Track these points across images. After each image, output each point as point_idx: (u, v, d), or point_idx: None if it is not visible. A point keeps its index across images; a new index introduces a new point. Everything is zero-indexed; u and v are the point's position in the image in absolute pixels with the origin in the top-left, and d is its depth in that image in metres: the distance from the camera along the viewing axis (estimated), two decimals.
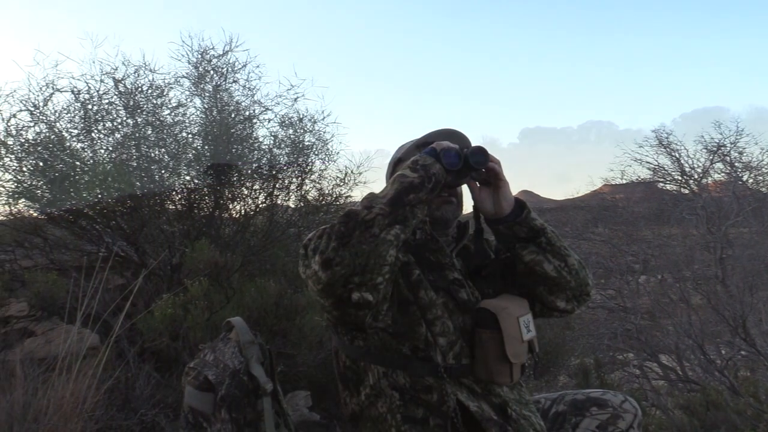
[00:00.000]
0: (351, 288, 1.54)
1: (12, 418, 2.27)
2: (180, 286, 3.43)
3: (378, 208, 1.58)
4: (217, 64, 4.68)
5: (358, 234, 1.53)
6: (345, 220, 1.57)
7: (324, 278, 1.53)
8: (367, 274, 1.53)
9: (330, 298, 1.59)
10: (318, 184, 5.04)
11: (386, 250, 1.55)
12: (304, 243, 1.63)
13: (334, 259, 1.51)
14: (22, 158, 4.19)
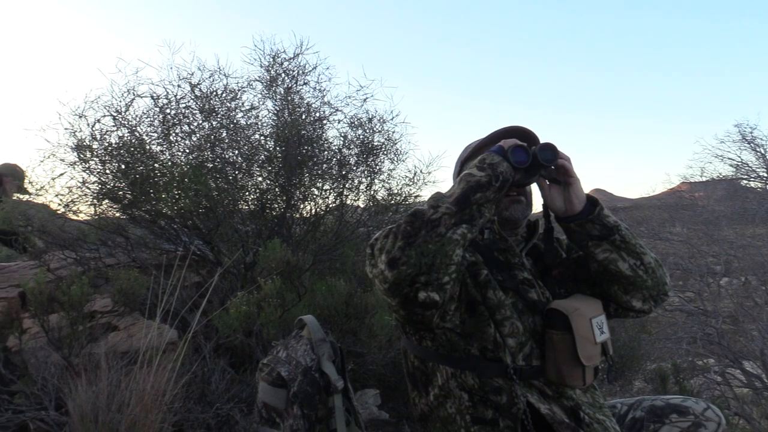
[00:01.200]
0: (417, 287, 1.53)
1: (97, 407, 2.37)
2: (253, 284, 3.50)
3: (444, 208, 1.56)
4: (288, 67, 4.76)
5: (425, 233, 1.52)
6: (411, 220, 1.56)
7: (390, 277, 1.53)
8: (433, 274, 1.52)
9: (396, 297, 1.59)
10: (387, 184, 5.05)
11: (452, 249, 1.54)
12: (370, 242, 1.64)
13: (400, 259, 1.51)
14: (106, 161, 4.39)
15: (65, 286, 3.23)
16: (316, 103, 4.87)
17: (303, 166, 4.58)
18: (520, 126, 1.92)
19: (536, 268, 1.92)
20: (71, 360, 3.04)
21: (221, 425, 2.93)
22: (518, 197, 1.94)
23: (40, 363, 3.11)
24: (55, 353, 3.14)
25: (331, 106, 4.87)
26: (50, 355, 3.16)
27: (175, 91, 4.51)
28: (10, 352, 3.30)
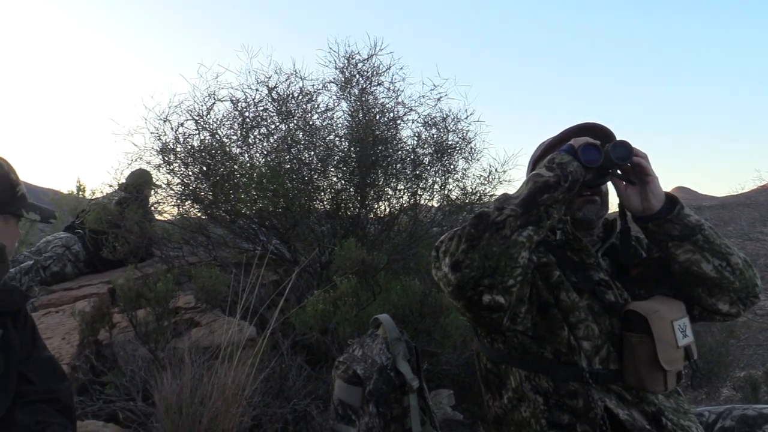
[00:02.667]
0: (481, 290, 1.50)
1: (181, 400, 2.46)
2: (329, 282, 3.55)
3: (509, 210, 1.53)
4: (362, 68, 4.80)
5: (489, 236, 1.49)
6: (476, 222, 1.53)
7: (454, 280, 1.51)
8: (497, 277, 1.49)
9: (461, 300, 1.57)
10: (461, 183, 5.02)
11: (518, 251, 1.50)
12: (436, 245, 1.62)
13: (464, 262, 1.48)
14: (189, 163, 4.57)
15: (151, 283, 3.38)
16: (390, 104, 4.89)
17: (377, 166, 4.61)
18: (594, 122, 1.85)
19: (613, 268, 1.85)
20: (157, 353, 3.17)
21: (298, 421, 2.98)
22: (592, 197, 1.86)
23: (128, 356, 3.27)
24: (142, 347, 3.28)
25: (404, 106, 4.89)
26: (138, 349, 3.31)
27: (254, 95, 4.65)
28: (102, 345, 3.48)
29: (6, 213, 1.58)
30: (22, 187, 1.65)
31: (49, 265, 4.70)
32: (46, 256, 4.76)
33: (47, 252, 4.82)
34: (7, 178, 1.60)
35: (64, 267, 4.77)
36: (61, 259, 4.78)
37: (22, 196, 1.64)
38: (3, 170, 1.59)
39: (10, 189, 1.59)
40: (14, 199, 1.60)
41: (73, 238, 4.97)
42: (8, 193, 1.58)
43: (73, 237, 5.00)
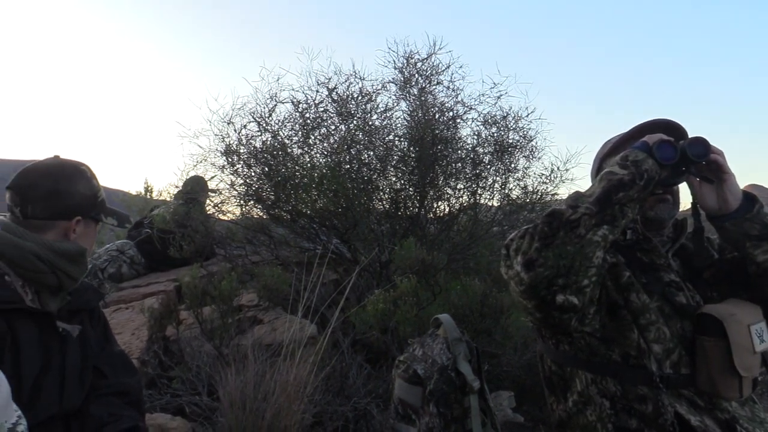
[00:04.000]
0: (555, 290, 1.46)
1: (245, 395, 2.51)
2: (389, 282, 3.56)
3: (584, 208, 1.48)
4: (421, 67, 4.79)
5: (563, 234, 1.45)
6: (548, 220, 1.49)
7: (527, 279, 1.47)
8: (572, 276, 1.45)
9: (533, 299, 1.53)
10: (522, 183, 4.94)
11: (592, 251, 1.46)
12: (505, 243, 1.59)
13: (537, 260, 1.45)
14: (251, 164, 4.66)
15: (216, 281, 3.46)
16: (450, 103, 4.86)
17: (436, 165, 4.59)
18: (665, 119, 1.77)
19: (684, 270, 1.78)
20: (222, 350, 3.25)
21: (358, 419, 3.00)
22: (664, 196, 1.79)
23: (194, 351, 3.36)
24: (207, 343, 3.37)
25: (464, 105, 4.85)
26: (203, 345, 3.39)
27: (314, 96, 4.70)
28: (169, 341, 3.59)
29: (87, 217, 1.66)
30: (102, 193, 1.73)
31: (106, 267, 4.90)
32: (102, 260, 4.96)
33: (103, 256, 5.02)
34: (89, 184, 1.68)
35: (120, 268, 4.96)
36: (116, 260, 4.97)
37: (101, 201, 1.72)
38: (85, 176, 1.67)
39: (91, 195, 1.67)
40: (95, 205, 1.68)
41: (128, 244, 5.17)
42: (90, 198, 1.67)
43: (128, 242, 5.20)
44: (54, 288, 1.54)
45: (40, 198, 1.57)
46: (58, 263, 1.52)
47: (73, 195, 1.62)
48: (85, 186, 1.66)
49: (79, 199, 1.64)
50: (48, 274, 1.51)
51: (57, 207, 1.59)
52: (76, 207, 1.63)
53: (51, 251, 1.51)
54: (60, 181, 1.60)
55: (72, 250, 1.55)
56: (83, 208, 1.64)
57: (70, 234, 1.62)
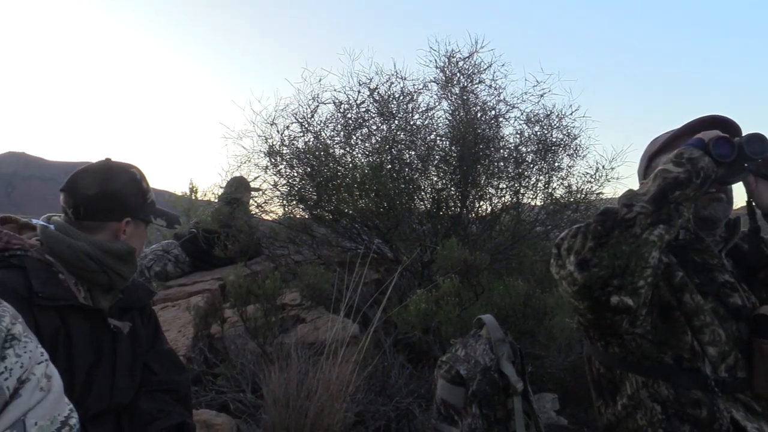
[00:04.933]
0: (610, 291, 1.43)
1: (288, 393, 2.53)
2: (430, 282, 3.55)
3: (639, 207, 1.45)
4: (463, 66, 4.76)
5: (618, 234, 1.42)
6: (602, 219, 1.46)
7: (580, 279, 1.44)
8: (627, 277, 1.41)
9: (586, 300, 1.50)
10: (566, 182, 4.87)
11: (648, 251, 1.42)
12: (556, 242, 1.56)
13: (592, 260, 1.42)
14: (294, 165, 4.71)
15: (260, 280, 3.51)
16: (492, 101, 4.82)
17: (478, 164, 4.56)
18: (719, 115, 1.72)
19: (738, 270, 1.73)
20: (265, 348, 3.29)
21: (400, 419, 3.00)
22: (718, 195, 1.74)
23: (238, 349, 3.41)
24: (251, 341, 3.42)
25: (506, 104, 4.80)
26: (247, 343, 3.44)
27: (356, 97, 4.72)
28: (214, 338, 3.65)
29: (137, 219, 1.71)
30: (152, 195, 1.78)
31: (152, 266, 5.01)
32: (148, 259, 5.08)
33: (149, 255, 5.14)
34: (140, 185, 1.73)
35: (165, 266, 5.06)
36: (161, 259, 5.08)
37: (151, 203, 1.77)
38: (135, 178, 1.72)
39: (141, 196, 1.72)
40: (144, 206, 1.73)
41: (173, 243, 5.27)
42: (140, 200, 1.71)
43: (173, 242, 5.30)
44: (105, 286, 1.59)
45: (91, 200, 1.61)
46: (108, 262, 1.56)
47: (123, 197, 1.66)
48: (134, 188, 1.71)
49: (129, 201, 1.68)
50: (99, 273, 1.55)
51: (107, 208, 1.64)
52: (126, 208, 1.67)
53: (101, 251, 1.56)
54: (110, 183, 1.64)
55: (121, 250, 1.60)
56: (133, 210, 1.69)
57: (120, 235, 1.66)
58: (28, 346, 0.65)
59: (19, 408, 0.60)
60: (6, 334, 0.63)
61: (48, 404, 0.63)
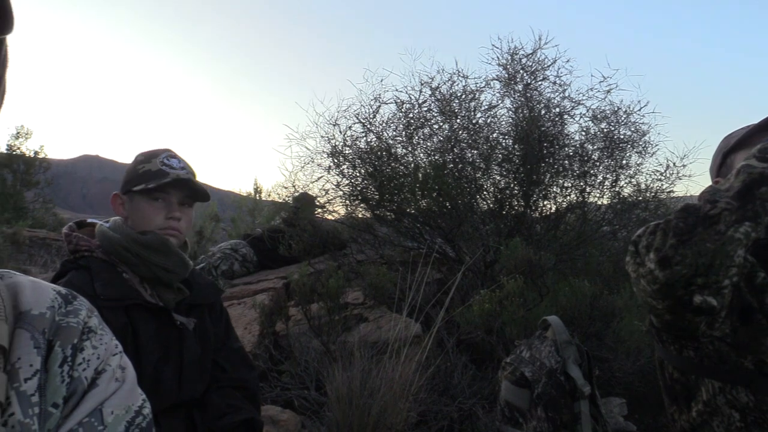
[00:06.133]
0: (693, 290, 1.37)
1: (352, 391, 2.55)
2: (493, 282, 3.51)
3: (724, 203, 1.39)
4: (526, 63, 4.70)
5: (701, 231, 1.36)
6: (683, 215, 1.41)
7: (662, 278, 1.39)
8: (711, 276, 1.36)
9: (667, 299, 1.44)
10: (634, 180, 4.73)
11: (734, 249, 1.36)
12: (633, 240, 1.52)
13: (674, 258, 1.37)
14: (356, 165, 4.75)
15: (324, 279, 3.55)
16: (556, 98, 4.73)
17: (542, 163, 4.49)
18: None
19: None
20: (329, 346, 3.33)
21: (463, 420, 2.98)
22: None
23: (302, 347, 3.46)
24: (315, 339, 3.46)
25: (572, 101, 4.71)
26: (311, 341, 3.49)
27: (417, 96, 4.72)
28: (279, 336, 3.71)
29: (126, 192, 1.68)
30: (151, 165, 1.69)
31: (219, 265, 5.14)
32: (216, 258, 5.21)
33: (216, 254, 5.27)
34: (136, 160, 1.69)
35: (232, 265, 5.18)
36: (228, 258, 5.20)
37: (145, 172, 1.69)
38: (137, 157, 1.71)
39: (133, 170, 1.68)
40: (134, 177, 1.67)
41: (242, 243, 5.39)
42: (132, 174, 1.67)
43: (241, 242, 5.42)
44: (160, 280, 1.61)
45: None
46: (143, 254, 1.56)
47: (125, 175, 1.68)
48: (131, 165, 1.69)
49: (124, 180, 1.68)
50: (140, 266, 1.58)
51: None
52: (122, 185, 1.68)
53: (135, 242, 1.58)
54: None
55: (152, 241, 1.59)
56: (123, 185, 1.68)
57: (120, 211, 1.68)
58: (104, 338, 0.68)
59: (97, 397, 0.63)
60: (83, 327, 0.66)
61: (123, 394, 0.65)
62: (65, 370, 0.62)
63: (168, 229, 1.62)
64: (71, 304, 0.68)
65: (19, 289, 0.65)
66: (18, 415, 0.57)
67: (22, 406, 0.57)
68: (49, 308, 0.65)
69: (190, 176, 1.65)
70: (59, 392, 0.61)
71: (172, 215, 1.62)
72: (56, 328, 0.64)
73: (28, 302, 0.64)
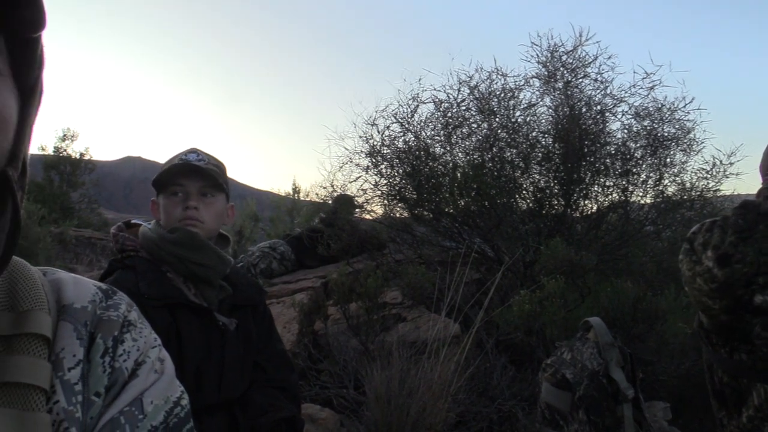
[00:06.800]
0: (754, 289, 1.33)
1: (390, 391, 2.55)
2: (533, 282, 3.47)
3: None
4: (566, 60, 4.63)
5: (763, 228, 1.33)
6: (743, 212, 1.37)
7: (720, 276, 1.35)
8: None
9: (725, 299, 1.40)
10: (678, 178, 4.62)
11: None
12: (687, 237, 1.48)
13: (734, 256, 1.33)
14: (394, 165, 4.75)
15: (362, 278, 3.56)
16: (597, 96, 4.65)
17: (583, 161, 4.42)
18: None
19: None
20: (367, 345, 3.33)
21: (503, 421, 2.95)
22: None
23: (341, 346, 3.47)
24: (353, 338, 3.47)
25: (613, 98, 4.62)
26: (349, 340, 3.50)
27: (455, 95, 4.70)
28: (317, 335, 3.74)
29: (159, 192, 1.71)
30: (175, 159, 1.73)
31: (257, 263, 5.19)
32: (255, 256, 5.27)
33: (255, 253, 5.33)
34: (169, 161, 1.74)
35: (270, 264, 5.23)
36: (267, 257, 5.25)
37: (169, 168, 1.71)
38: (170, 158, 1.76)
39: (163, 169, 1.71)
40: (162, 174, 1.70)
41: (280, 242, 5.44)
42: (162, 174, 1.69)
43: (280, 241, 5.47)
44: (199, 277, 1.62)
45: None
46: (177, 252, 1.58)
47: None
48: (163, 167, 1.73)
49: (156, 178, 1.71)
50: (178, 264, 1.60)
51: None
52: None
53: (166, 241, 1.60)
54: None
55: (180, 237, 1.61)
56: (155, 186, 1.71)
57: (156, 214, 1.71)
58: (143, 331, 0.70)
59: (137, 387, 0.65)
60: (123, 320, 0.68)
61: (162, 385, 0.67)
62: (107, 361, 0.64)
63: (186, 219, 1.63)
64: (111, 298, 0.70)
65: (61, 284, 0.68)
66: (62, 402, 0.59)
67: (66, 394, 0.60)
68: (91, 302, 0.68)
69: (200, 164, 1.67)
70: (101, 382, 0.63)
71: (188, 204, 1.63)
72: (97, 320, 0.67)
73: (71, 296, 0.67)
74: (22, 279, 0.65)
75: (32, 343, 0.60)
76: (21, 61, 0.56)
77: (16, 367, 0.58)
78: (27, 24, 0.52)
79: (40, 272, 0.69)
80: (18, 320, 0.61)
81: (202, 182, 1.67)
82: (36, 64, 0.58)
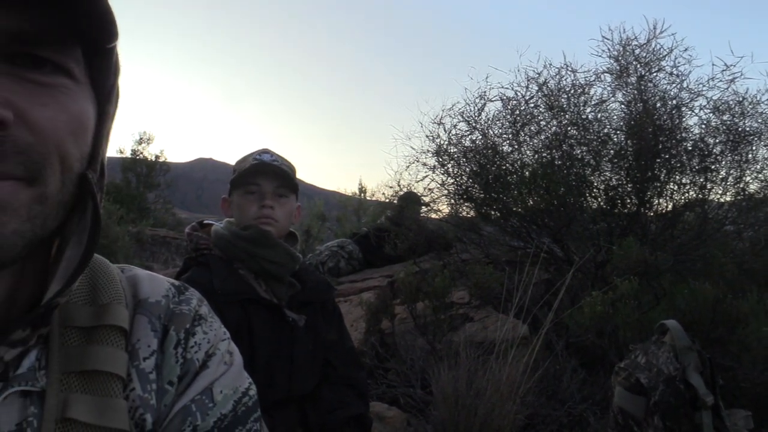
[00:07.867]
0: None
1: (458, 391, 2.54)
2: (604, 283, 3.38)
3: None
4: (639, 54, 4.47)
5: None
6: None
7: None
8: None
9: None
10: (761, 175, 4.39)
11: None
12: None
13: None
14: (461, 164, 4.72)
15: (430, 278, 3.56)
16: (673, 90, 4.47)
17: (658, 159, 4.26)
18: None
19: None
20: (434, 345, 3.33)
21: (573, 425, 2.89)
22: None
23: (408, 345, 3.48)
24: (420, 338, 3.47)
25: (690, 92, 4.43)
26: (416, 339, 3.51)
27: (524, 92, 4.62)
28: (384, 334, 3.76)
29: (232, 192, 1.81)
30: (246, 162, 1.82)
31: (326, 262, 5.27)
32: (324, 255, 5.34)
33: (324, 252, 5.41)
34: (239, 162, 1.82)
35: (338, 263, 5.29)
36: (335, 255, 5.32)
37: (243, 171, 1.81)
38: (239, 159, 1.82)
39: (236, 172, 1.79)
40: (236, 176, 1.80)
41: (348, 241, 5.50)
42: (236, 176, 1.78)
43: (348, 240, 5.54)
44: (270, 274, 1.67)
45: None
46: (249, 249, 1.64)
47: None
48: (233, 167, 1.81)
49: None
50: (250, 261, 1.65)
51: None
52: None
53: (239, 238, 1.66)
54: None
55: (253, 235, 1.67)
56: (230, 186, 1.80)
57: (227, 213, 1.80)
58: (213, 325, 0.74)
59: (207, 378, 0.69)
60: (194, 314, 0.73)
61: (231, 376, 0.71)
62: (179, 352, 0.69)
63: (261, 218, 1.69)
64: (183, 294, 0.75)
65: (137, 280, 0.73)
66: (138, 390, 0.64)
67: (142, 382, 0.64)
68: (164, 297, 0.72)
69: (275, 164, 1.72)
70: (174, 371, 0.67)
71: (263, 203, 1.69)
72: (170, 314, 0.71)
73: (146, 291, 0.71)
74: (102, 275, 0.70)
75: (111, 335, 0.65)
76: (98, 70, 0.60)
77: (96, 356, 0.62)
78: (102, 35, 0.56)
79: (118, 269, 0.74)
80: (98, 313, 0.65)
81: (277, 182, 1.72)
82: (112, 72, 0.62)
